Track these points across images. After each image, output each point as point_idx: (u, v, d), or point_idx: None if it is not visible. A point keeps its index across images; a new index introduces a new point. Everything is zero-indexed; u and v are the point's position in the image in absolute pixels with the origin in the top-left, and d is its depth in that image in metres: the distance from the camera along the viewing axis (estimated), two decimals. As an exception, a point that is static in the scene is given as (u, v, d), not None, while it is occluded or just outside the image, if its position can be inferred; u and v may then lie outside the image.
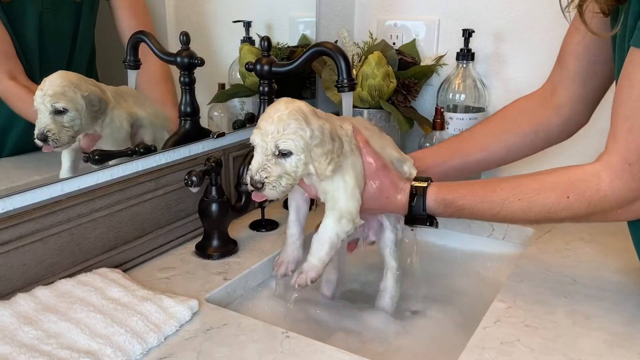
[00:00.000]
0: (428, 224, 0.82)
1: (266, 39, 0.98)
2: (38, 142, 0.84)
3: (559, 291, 0.84)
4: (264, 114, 0.76)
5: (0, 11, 0.83)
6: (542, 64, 0.95)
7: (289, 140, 0.73)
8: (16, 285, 0.77)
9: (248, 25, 1.22)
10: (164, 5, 1.09)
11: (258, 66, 0.98)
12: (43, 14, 0.89)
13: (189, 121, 1.02)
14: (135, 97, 0.99)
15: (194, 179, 0.87)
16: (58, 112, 0.84)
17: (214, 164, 0.92)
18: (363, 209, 0.80)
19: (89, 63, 0.98)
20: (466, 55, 1.25)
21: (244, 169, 1.00)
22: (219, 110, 1.21)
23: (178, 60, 0.99)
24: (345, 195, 0.78)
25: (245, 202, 1.02)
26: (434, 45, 1.36)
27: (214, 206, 0.94)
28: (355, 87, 0.91)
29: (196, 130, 1.04)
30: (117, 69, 0.99)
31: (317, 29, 1.34)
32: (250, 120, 1.20)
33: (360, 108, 1.27)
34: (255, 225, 1.08)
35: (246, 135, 1.08)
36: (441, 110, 1.23)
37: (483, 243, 1.11)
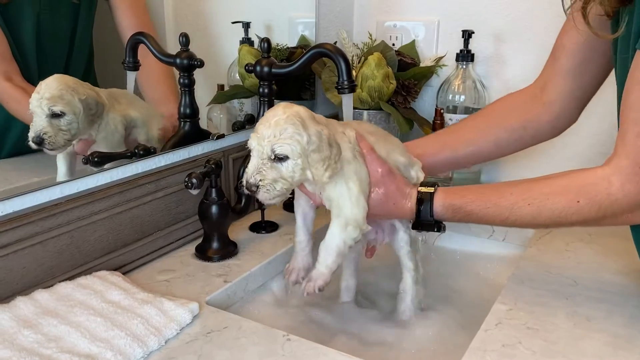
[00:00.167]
0: (435, 229, 0.82)
1: (266, 41, 0.98)
2: (33, 145, 0.83)
3: (560, 293, 0.84)
4: (262, 118, 0.76)
5: None
6: (542, 64, 0.95)
7: (285, 145, 0.72)
8: (16, 288, 0.76)
9: (247, 26, 1.21)
10: (162, 6, 1.09)
11: (258, 68, 0.97)
12: (40, 15, 0.88)
13: (188, 123, 1.02)
14: (128, 99, 0.98)
15: (194, 181, 0.87)
16: (55, 116, 0.84)
17: (213, 166, 0.92)
18: (370, 215, 0.80)
19: (87, 64, 0.98)
20: (466, 56, 1.25)
21: (243, 171, 1.00)
22: (218, 111, 1.21)
23: (177, 61, 0.99)
24: (350, 202, 0.77)
25: (245, 204, 1.02)
26: (434, 46, 1.36)
27: (213, 208, 0.94)
28: (355, 89, 0.91)
29: (196, 132, 1.03)
30: (116, 70, 0.99)
31: (317, 29, 1.33)
32: (249, 121, 1.20)
33: (360, 109, 1.27)
34: (255, 227, 1.07)
35: (246, 136, 1.07)
36: (441, 111, 1.23)
37: (483, 244, 1.11)
